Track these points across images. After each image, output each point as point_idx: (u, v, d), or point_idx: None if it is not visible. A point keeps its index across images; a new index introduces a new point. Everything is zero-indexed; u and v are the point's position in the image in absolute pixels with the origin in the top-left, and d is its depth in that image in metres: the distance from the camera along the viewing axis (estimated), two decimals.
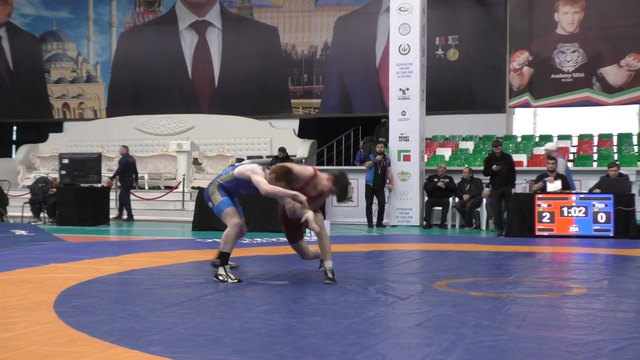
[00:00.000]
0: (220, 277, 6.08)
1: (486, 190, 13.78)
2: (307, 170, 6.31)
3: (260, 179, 6.06)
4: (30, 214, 15.51)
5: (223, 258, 6.20)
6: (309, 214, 6.00)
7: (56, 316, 4.35)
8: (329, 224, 7.27)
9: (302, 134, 20.92)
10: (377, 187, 14.56)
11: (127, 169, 16.01)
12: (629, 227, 11.77)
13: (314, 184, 6.24)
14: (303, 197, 6.00)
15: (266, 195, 6.14)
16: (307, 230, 7.18)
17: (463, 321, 4.29)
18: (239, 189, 6.38)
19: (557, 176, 12.63)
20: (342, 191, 6.21)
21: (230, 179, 6.31)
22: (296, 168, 6.23)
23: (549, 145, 13.98)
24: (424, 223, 14.61)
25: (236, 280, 6.07)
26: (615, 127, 18.59)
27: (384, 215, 14.72)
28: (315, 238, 6.30)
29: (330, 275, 6.05)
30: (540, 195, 12.17)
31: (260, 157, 18.77)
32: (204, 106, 22.29)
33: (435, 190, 14.60)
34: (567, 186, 12.57)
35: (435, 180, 14.71)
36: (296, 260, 7.43)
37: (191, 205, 15.32)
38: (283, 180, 6.06)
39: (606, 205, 11.84)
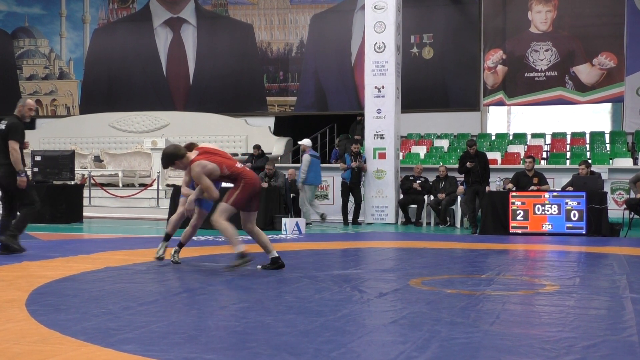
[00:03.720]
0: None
1: (461, 188, 13.88)
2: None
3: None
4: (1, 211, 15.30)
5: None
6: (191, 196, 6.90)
7: (28, 314, 4.30)
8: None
9: (278, 131, 20.89)
10: (354, 185, 14.59)
11: None
12: (600, 225, 11.89)
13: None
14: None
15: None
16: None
17: (437, 318, 4.30)
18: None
19: (535, 174, 12.74)
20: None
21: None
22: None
23: (305, 141, 14.58)
24: (403, 220, 14.67)
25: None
26: (588, 126, 18.78)
27: (360, 212, 14.75)
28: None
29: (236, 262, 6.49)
30: (514, 193, 12.26)
31: (236, 154, 18.70)
32: (179, 103, 22.17)
33: (411, 188, 14.67)
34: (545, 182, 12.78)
35: (412, 178, 14.77)
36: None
37: (165, 203, 15.23)
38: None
39: (579, 203, 11.94)
